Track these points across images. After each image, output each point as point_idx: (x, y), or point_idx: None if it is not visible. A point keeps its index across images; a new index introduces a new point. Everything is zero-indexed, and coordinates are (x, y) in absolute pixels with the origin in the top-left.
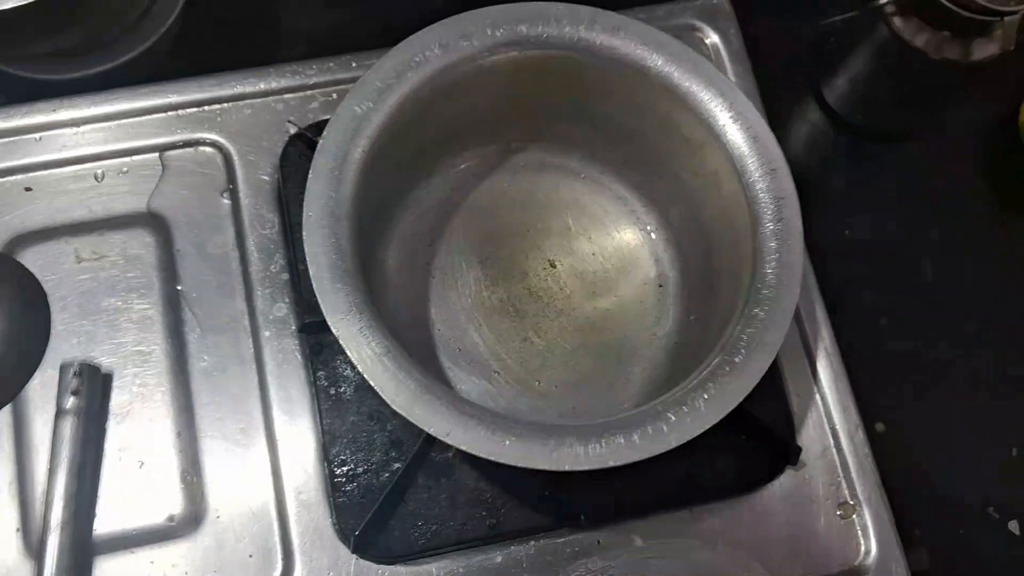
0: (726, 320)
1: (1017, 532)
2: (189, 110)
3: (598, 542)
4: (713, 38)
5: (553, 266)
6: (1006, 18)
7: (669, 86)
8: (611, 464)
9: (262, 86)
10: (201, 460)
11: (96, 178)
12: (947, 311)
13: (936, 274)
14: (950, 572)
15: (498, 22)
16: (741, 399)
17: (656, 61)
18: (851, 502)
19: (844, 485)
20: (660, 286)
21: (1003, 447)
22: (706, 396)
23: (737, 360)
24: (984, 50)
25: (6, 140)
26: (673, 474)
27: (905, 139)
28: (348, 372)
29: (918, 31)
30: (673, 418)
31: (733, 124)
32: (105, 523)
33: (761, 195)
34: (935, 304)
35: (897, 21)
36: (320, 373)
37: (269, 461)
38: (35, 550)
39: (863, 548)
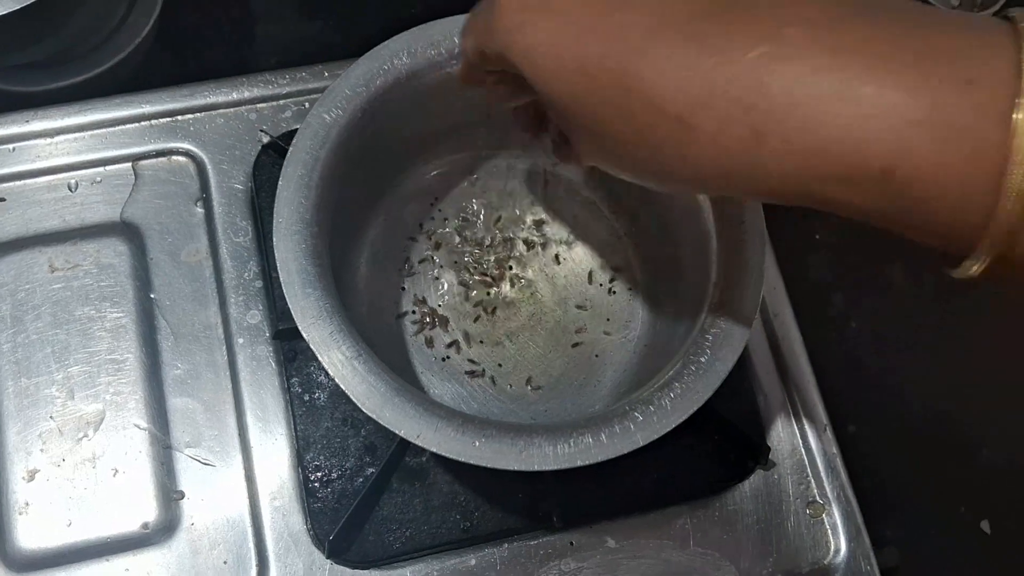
0: (692, 322)
1: (988, 531)
2: (162, 120)
3: (571, 543)
4: None
5: (524, 271)
6: None
7: None
8: (579, 463)
9: (234, 96)
10: (175, 467)
11: (70, 188)
12: (917, 314)
13: (906, 277)
14: (922, 571)
15: None
16: (707, 398)
17: None
18: (820, 501)
19: (813, 484)
20: (629, 289)
21: (974, 447)
22: (672, 395)
23: (703, 360)
24: None
25: None
26: (645, 476)
27: None
28: (322, 378)
29: None
30: (640, 417)
31: None
32: (79, 531)
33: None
34: (905, 308)
35: None
36: (294, 379)
37: (243, 467)
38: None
39: (833, 546)
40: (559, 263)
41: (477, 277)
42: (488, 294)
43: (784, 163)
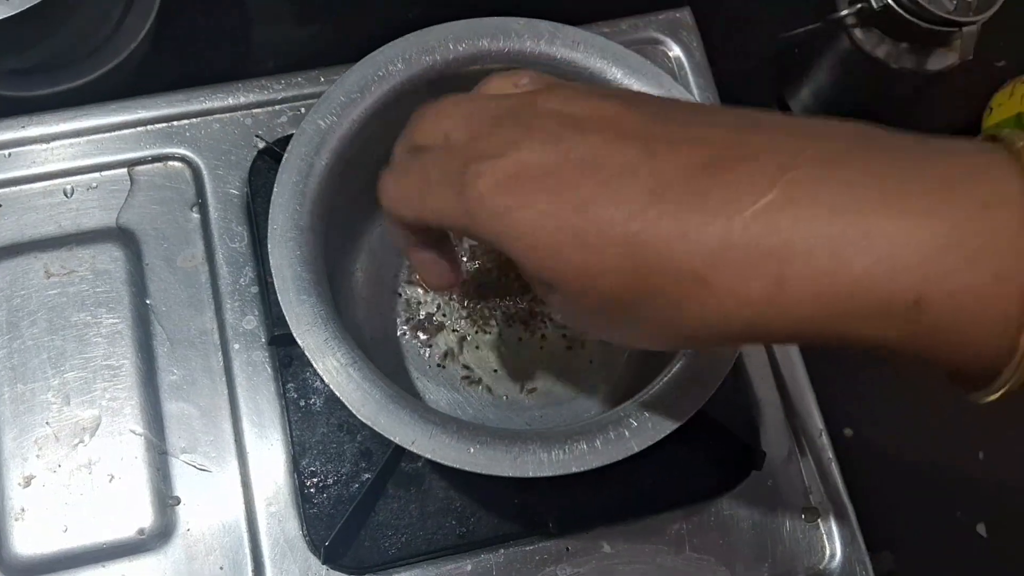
0: None
1: (985, 535)
2: (158, 125)
3: (567, 549)
4: (676, 51)
5: (521, 278)
6: (964, 28)
7: None
8: (574, 470)
9: (230, 101)
10: (171, 473)
11: (65, 194)
12: None
13: None
14: (918, 575)
15: (460, 37)
16: (702, 404)
17: (615, 74)
18: (815, 506)
19: (808, 489)
20: None
21: (970, 450)
22: (667, 402)
23: (697, 366)
24: (943, 60)
25: None
26: (640, 481)
27: None
28: (317, 384)
29: (879, 42)
30: (635, 424)
31: None
32: (75, 537)
33: None
34: None
35: (858, 32)
36: (290, 385)
37: (239, 473)
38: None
39: (828, 551)
40: None
41: (474, 283)
42: (484, 299)
43: (810, 307)
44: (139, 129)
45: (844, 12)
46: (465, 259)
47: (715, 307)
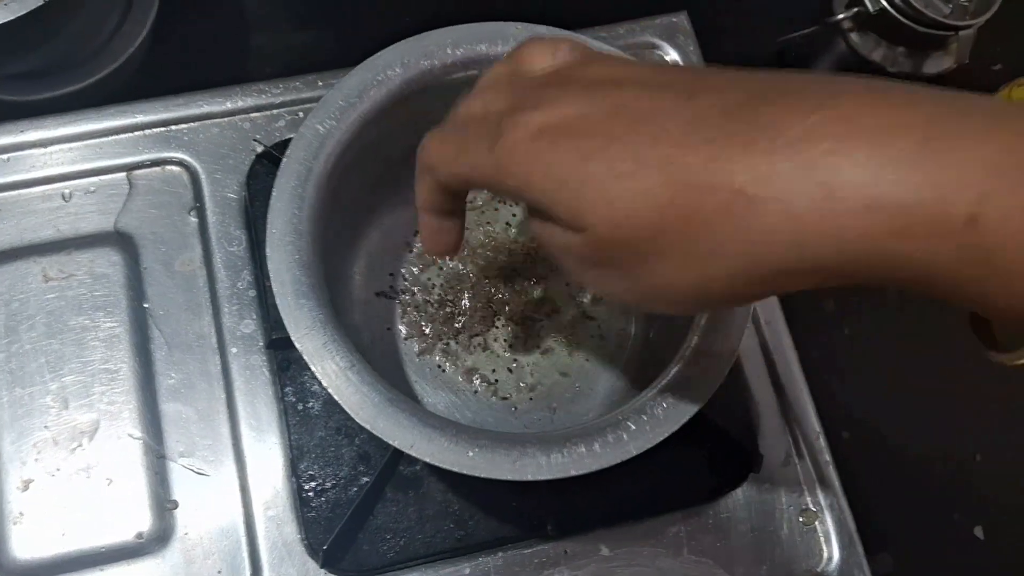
0: (685, 330)
1: (982, 537)
2: (156, 130)
3: (565, 552)
4: (673, 55)
5: (518, 278)
6: (960, 32)
7: None
8: (572, 473)
9: (228, 105)
10: (169, 477)
11: (64, 198)
12: (910, 320)
13: None
14: None
15: (458, 41)
16: (699, 407)
17: None
18: (813, 509)
19: (806, 492)
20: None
21: (967, 453)
22: (664, 405)
23: (695, 368)
24: (940, 64)
25: None
26: (639, 483)
27: None
28: (316, 387)
29: (875, 46)
30: (633, 427)
31: None
32: (74, 541)
33: None
34: (897, 313)
35: (854, 36)
36: (288, 389)
37: (237, 477)
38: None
39: (826, 554)
40: (553, 271)
41: (471, 286)
42: (481, 302)
43: (860, 220)
44: (137, 133)
45: (841, 16)
46: (467, 262)
47: (758, 225)
